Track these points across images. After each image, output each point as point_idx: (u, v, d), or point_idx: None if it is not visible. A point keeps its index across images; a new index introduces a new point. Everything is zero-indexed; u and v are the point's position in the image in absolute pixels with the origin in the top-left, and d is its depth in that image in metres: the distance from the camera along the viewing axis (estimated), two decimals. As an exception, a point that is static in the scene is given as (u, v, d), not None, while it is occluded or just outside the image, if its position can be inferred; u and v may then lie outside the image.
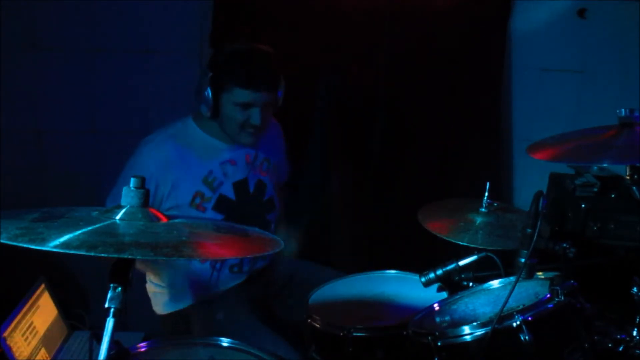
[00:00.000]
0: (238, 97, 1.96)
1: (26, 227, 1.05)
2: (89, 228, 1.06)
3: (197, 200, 2.05)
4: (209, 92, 1.96)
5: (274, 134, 2.28)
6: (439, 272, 1.90)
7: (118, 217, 1.14)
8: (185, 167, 2.04)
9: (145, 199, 1.18)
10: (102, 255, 0.98)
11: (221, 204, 2.08)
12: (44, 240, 0.99)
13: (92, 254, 0.97)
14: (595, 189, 2.40)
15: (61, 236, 1.01)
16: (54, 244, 0.98)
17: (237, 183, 2.12)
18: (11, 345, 1.91)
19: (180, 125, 2.10)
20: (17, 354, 1.92)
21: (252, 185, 2.16)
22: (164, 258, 1.84)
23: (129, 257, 1.06)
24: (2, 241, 1.00)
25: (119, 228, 1.10)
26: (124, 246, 1.02)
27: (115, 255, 0.99)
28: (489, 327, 1.43)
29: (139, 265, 2.05)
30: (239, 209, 2.11)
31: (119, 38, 2.71)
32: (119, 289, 1.09)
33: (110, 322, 1.09)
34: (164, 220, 1.19)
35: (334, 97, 2.76)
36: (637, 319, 1.71)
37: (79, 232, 1.03)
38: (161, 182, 2.00)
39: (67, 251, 0.97)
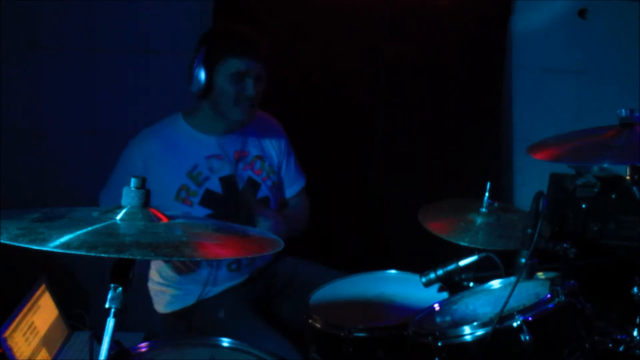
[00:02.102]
0: (232, 66, 1.99)
1: (27, 227, 1.05)
2: (90, 228, 1.06)
3: (183, 194, 2.05)
4: (201, 68, 1.99)
5: (270, 132, 2.27)
6: (440, 272, 1.90)
7: (118, 217, 1.14)
8: (168, 160, 2.06)
9: (146, 199, 1.18)
10: (103, 255, 0.98)
11: (208, 198, 2.08)
12: (44, 241, 0.99)
13: (93, 254, 0.97)
14: (596, 189, 2.40)
15: (62, 236, 1.01)
16: (54, 244, 0.98)
17: (224, 178, 2.11)
18: (12, 345, 1.91)
19: (168, 121, 2.14)
20: (17, 355, 1.92)
21: (241, 182, 2.14)
22: (164, 258, 1.85)
23: (129, 257, 1.06)
24: (2, 241, 1.00)
25: (119, 228, 1.10)
26: (124, 246, 1.02)
27: (116, 256, 0.99)
28: (490, 327, 1.44)
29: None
30: (227, 205, 2.10)
31: (119, 38, 2.71)
32: (119, 289, 1.09)
33: (110, 322, 1.09)
34: (165, 220, 1.19)
35: (334, 97, 2.76)
36: (637, 319, 1.71)
37: (80, 232, 1.03)
38: (147, 175, 2.00)
39: (68, 251, 0.97)
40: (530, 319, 1.43)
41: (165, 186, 2.04)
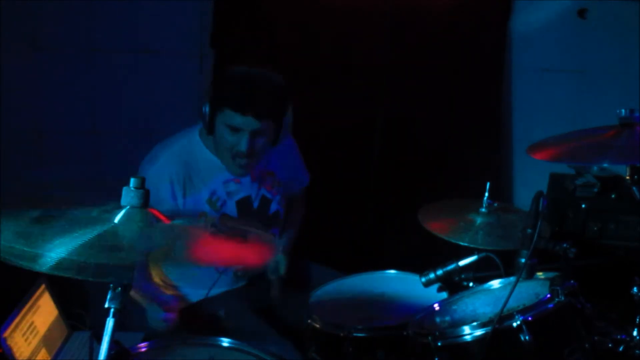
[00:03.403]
0: (228, 118, 1.93)
1: (25, 231, 1.05)
2: (88, 237, 1.06)
3: (202, 221, 2.04)
4: (206, 109, 1.96)
5: (283, 150, 2.22)
6: (439, 272, 1.90)
7: (117, 218, 1.13)
8: (190, 188, 2.03)
9: (145, 200, 1.17)
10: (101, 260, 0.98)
11: None
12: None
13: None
14: (596, 189, 2.41)
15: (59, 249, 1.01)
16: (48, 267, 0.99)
17: (241, 200, 2.11)
18: (12, 345, 1.91)
19: (186, 142, 2.07)
20: (17, 354, 1.92)
21: (256, 202, 2.15)
22: (161, 262, 1.85)
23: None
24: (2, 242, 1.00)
25: (117, 231, 1.10)
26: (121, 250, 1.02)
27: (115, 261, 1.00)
28: (489, 327, 1.44)
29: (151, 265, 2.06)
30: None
31: (119, 38, 2.71)
32: (119, 289, 1.09)
33: (110, 322, 1.09)
34: (164, 221, 1.19)
35: (334, 97, 2.76)
36: (637, 319, 1.71)
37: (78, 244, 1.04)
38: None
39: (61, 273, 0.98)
40: (530, 319, 1.43)
41: (187, 214, 2.02)
